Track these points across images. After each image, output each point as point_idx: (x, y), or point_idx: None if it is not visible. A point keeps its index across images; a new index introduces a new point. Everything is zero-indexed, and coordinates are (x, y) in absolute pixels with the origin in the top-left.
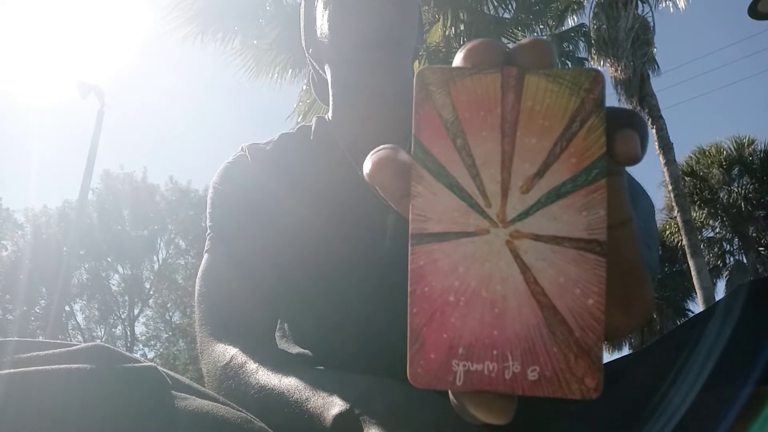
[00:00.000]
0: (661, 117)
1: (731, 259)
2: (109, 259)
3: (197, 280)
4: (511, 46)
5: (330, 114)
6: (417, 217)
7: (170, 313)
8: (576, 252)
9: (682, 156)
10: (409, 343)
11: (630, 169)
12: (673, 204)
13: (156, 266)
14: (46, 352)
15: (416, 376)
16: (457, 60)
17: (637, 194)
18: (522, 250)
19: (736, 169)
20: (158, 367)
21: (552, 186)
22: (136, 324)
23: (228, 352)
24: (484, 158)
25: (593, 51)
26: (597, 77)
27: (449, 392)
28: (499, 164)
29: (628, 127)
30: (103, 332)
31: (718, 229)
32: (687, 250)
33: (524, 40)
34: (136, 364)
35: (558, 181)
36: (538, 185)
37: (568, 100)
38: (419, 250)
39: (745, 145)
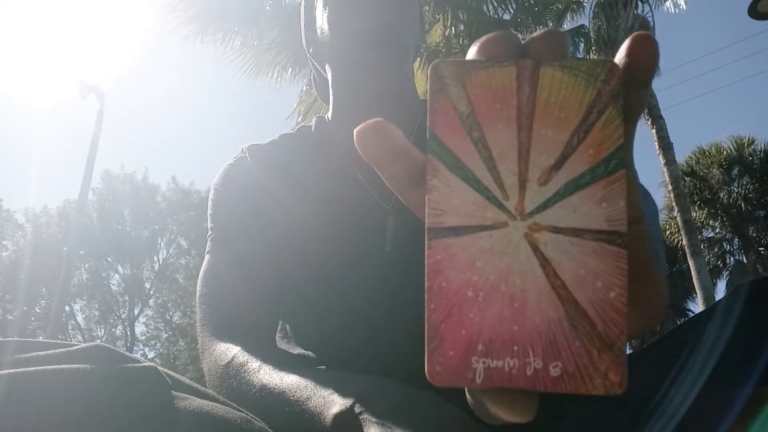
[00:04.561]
0: (661, 117)
1: (731, 259)
2: (109, 259)
3: (198, 281)
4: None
5: (330, 114)
6: (433, 211)
7: (170, 313)
8: (596, 244)
9: (682, 156)
10: (427, 339)
11: None
12: (673, 204)
13: (156, 266)
14: (46, 352)
15: (435, 374)
16: (471, 53)
17: (644, 197)
18: (541, 243)
19: (736, 169)
20: (158, 367)
21: (570, 177)
22: (136, 324)
23: (229, 351)
24: (501, 150)
25: (593, 51)
26: (613, 68)
27: (465, 390)
28: (516, 156)
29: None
30: (103, 332)
31: (718, 229)
32: (687, 250)
33: (537, 32)
34: (136, 364)
35: (576, 173)
36: (556, 177)
37: (585, 91)
38: (436, 244)
39: (745, 145)
